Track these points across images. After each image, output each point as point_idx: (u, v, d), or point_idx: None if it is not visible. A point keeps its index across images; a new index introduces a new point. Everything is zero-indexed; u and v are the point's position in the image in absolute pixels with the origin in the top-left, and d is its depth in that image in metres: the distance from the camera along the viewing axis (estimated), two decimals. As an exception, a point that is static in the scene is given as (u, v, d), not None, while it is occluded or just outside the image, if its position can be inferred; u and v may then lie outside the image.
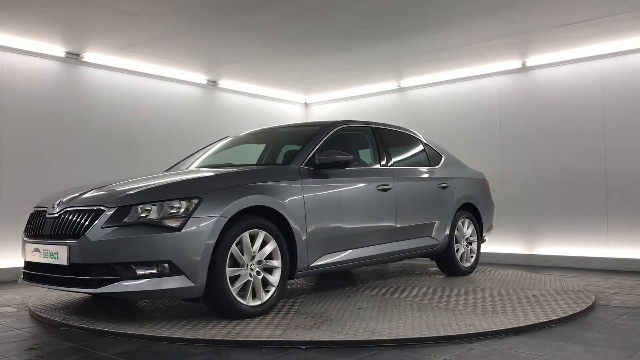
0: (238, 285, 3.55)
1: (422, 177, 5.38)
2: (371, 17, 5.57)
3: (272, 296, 3.74)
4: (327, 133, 4.61)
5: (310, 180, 4.16)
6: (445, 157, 5.84)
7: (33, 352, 3.04)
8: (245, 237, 3.62)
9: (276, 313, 3.78)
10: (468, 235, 5.77)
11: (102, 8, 5.26)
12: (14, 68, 6.30)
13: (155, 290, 3.32)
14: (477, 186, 6.04)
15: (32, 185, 6.38)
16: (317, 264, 4.10)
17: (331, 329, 3.31)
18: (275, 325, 3.42)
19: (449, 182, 5.60)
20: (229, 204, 3.53)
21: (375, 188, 4.71)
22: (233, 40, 6.22)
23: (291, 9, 5.31)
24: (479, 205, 5.91)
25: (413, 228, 5.08)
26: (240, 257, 3.59)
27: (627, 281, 5.48)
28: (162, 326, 3.42)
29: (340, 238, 4.31)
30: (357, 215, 4.50)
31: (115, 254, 3.32)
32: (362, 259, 4.55)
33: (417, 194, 5.19)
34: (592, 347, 2.97)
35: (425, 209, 5.26)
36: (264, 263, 3.74)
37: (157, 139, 7.57)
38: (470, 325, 3.34)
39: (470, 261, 5.79)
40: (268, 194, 3.80)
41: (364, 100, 8.90)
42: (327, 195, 4.26)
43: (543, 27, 5.95)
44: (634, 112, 6.47)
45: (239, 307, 3.53)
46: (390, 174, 4.94)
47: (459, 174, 5.83)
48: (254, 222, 3.67)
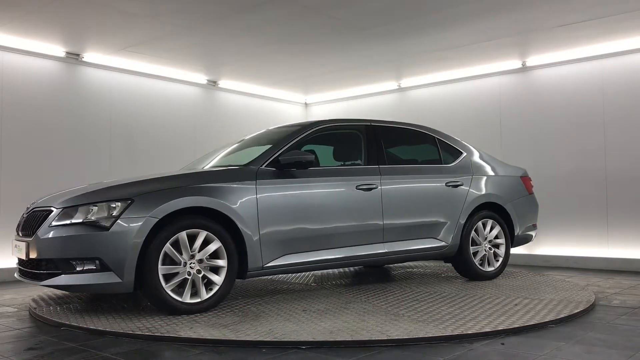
0: (174, 282, 3.72)
1: (424, 175, 5.14)
2: (371, 17, 5.57)
3: (215, 294, 3.86)
4: (301, 134, 4.59)
5: (268, 180, 4.21)
6: (466, 154, 5.50)
7: (33, 352, 3.04)
8: (182, 237, 3.76)
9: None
10: (491, 237, 5.36)
11: (102, 8, 5.26)
12: (14, 68, 6.30)
13: (90, 285, 3.62)
14: (507, 184, 5.59)
15: (31, 185, 6.37)
16: (275, 264, 4.15)
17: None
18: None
19: (464, 180, 5.28)
20: (160, 205, 3.72)
21: (354, 188, 4.60)
22: (233, 40, 6.22)
23: (291, 9, 5.31)
24: (508, 205, 5.46)
25: (409, 229, 4.89)
26: (176, 256, 3.74)
27: (627, 281, 5.48)
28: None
29: (307, 239, 4.31)
30: (328, 216, 4.44)
31: (56, 251, 3.68)
32: (337, 260, 4.46)
33: (414, 193, 4.98)
34: (592, 347, 2.97)
35: (427, 209, 5.03)
36: (207, 262, 3.85)
37: (157, 139, 7.56)
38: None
39: (494, 265, 5.35)
40: (210, 195, 3.91)
41: (364, 100, 8.90)
42: (288, 196, 4.27)
43: (543, 27, 5.95)
44: (633, 112, 6.47)
45: (172, 303, 3.69)
46: (377, 173, 4.78)
47: (481, 171, 5.46)
48: (192, 223, 3.81)
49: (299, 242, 4.28)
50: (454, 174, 5.28)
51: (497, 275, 5.38)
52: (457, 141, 5.63)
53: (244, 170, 4.21)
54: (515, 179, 5.72)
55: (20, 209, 6.25)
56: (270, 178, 4.23)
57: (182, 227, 3.77)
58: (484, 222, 5.33)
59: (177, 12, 5.39)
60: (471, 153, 5.58)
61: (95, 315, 3.81)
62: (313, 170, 4.44)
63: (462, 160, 5.45)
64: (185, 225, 3.78)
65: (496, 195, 5.42)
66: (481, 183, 5.40)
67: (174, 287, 3.73)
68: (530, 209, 5.75)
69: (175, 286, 3.73)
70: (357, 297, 4.42)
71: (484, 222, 5.33)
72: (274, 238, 4.15)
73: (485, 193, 5.35)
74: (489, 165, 5.60)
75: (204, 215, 3.89)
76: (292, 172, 4.34)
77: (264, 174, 4.22)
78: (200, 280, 3.82)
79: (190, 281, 3.77)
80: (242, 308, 4.01)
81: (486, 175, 5.48)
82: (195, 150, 7.82)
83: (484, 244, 5.31)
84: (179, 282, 3.74)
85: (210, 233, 3.85)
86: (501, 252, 5.42)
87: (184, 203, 3.80)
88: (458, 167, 5.36)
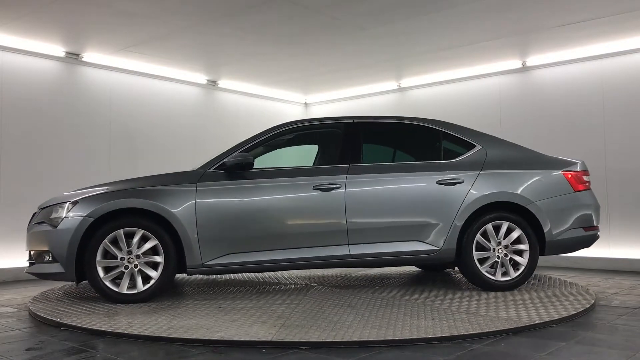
0: (111, 274, 4.21)
1: (408, 173, 4.72)
2: (371, 17, 5.57)
3: (150, 287, 4.24)
4: (260, 137, 4.72)
5: (211, 183, 4.44)
6: (479, 148, 4.87)
7: (33, 352, 3.04)
8: (120, 234, 4.21)
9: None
10: (507, 243, 4.62)
11: (102, 8, 5.26)
12: (14, 68, 6.30)
13: (46, 274, 4.30)
14: (536, 181, 4.76)
15: (31, 185, 6.38)
16: (217, 262, 4.35)
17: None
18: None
19: (466, 177, 4.68)
20: (97, 206, 4.23)
21: (312, 188, 4.51)
22: (233, 40, 6.22)
23: (291, 9, 5.31)
24: (534, 205, 4.65)
25: (385, 230, 4.56)
26: (113, 252, 4.22)
27: (627, 281, 5.47)
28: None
29: (252, 239, 4.41)
30: (275, 217, 4.46)
31: (30, 244, 4.47)
32: (290, 261, 4.45)
33: (391, 193, 4.60)
34: (592, 347, 2.97)
35: (409, 210, 4.60)
36: (144, 258, 4.25)
37: (156, 139, 7.57)
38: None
39: (511, 274, 4.61)
40: (148, 198, 4.29)
41: (364, 100, 8.90)
42: (229, 197, 4.43)
43: (543, 27, 5.95)
44: (634, 112, 6.47)
45: (109, 292, 4.20)
46: (344, 172, 4.59)
47: (497, 166, 4.78)
48: (129, 222, 4.24)
49: (244, 242, 4.40)
50: (453, 171, 4.73)
51: (518, 286, 4.65)
52: (473, 134, 5.01)
53: (187, 174, 4.54)
54: (552, 174, 4.83)
55: (20, 208, 6.26)
56: (218, 180, 4.46)
57: (118, 225, 4.22)
58: (497, 224, 4.65)
59: (177, 12, 5.39)
60: (491, 146, 4.92)
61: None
62: (267, 172, 4.57)
63: (471, 154, 4.85)
64: (121, 224, 4.23)
65: (512, 194, 4.67)
66: (492, 180, 4.72)
67: (112, 278, 4.21)
68: (575, 209, 4.79)
69: (113, 278, 4.21)
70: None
71: (497, 225, 4.65)
72: (214, 237, 4.34)
73: (495, 191, 4.66)
74: (514, 159, 4.88)
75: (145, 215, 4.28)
76: (243, 173, 4.49)
77: (210, 177, 4.47)
78: (138, 273, 4.23)
79: (129, 274, 4.22)
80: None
81: (502, 171, 4.77)
82: (195, 150, 7.82)
83: (497, 249, 4.62)
84: (117, 274, 4.21)
85: (146, 232, 4.24)
86: (523, 260, 4.62)
87: (117, 205, 4.25)
88: (463, 163, 4.80)
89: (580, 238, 4.80)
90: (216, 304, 4.19)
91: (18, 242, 6.22)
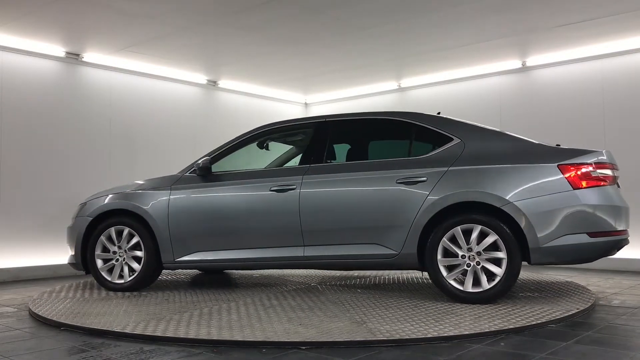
0: (107, 265, 4.88)
1: (368, 172, 4.39)
2: (371, 17, 5.57)
3: (133, 278, 4.81)
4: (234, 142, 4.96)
5: (182, 185, 4.84)
6: (457, 141, 4.32)
7: (33, 352, 3.04)
8: (111, 232, 4.87)
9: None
10: (480, 249, 3.99)
11: (102, 8, 5.26)
12: (14, 68, 6.30)
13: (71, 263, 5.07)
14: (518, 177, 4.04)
15: (31, 185, 6.38)
16: (185, 259, 4.72)
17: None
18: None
19: (430, 174, 4.18)
20: (95, 207, 4.95)
21: (268, 189, 4.55)
22: (233, 40, 6.22)
23: (291, 9, 5.31)
24: (511, 206, 3.93)
25: (341, 233, 4.36)
26: (108, 246, 4.89)
27: (627, 281, 5.48)
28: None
29: (215, 238, 4.67)
30: (234, 217, 4.62)
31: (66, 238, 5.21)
32: (249, 260, 4.58)
33: (346, 194, 4.38)
34: (592, 347, 2.97)
35: (364, 211, 4.31)
36: (129, 252, 4.85)
37: (156, 139, 7.57)
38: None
39: (483, 285, 3.96)
40: (132, 200, 4.87)
41: (364, 100, 8.90)
42: (197, 198, 4.76)
43: (543, 27, 5.95)
44: (634, 112, 6.47)
45: (102, 281, 4.89)
46: (301, 172, 4.54)
47: (472, 161, 4.17)
48: (120, 221, 4.86)
49: (208, 241, 4.68)
50: (417, 168, 4.26)
51: (492, 300, 3.98)
52: (453, 126, 4.47)
53: (167, 178, 4.99)
54: (543, 168, 4.05)
55: (20, 208, 6.26)
56: (189, 183, 4.84)
57: (110, 224, 4.88)
58: (468, 227, 4.03)
59: (177, 12, 5.39)
60: (470, 138, 4.33)
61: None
62: (232, 174, 4.79)
63: (445, 149, 4.32)
64: (112, 223, 4.87)
65: (483, 193, 4.02)
66: (461, 177, 4.14)
67: (107, 269, 4.89)
68: (573, 210, 3.94)
69: (108, 269, 4.88)
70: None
71: (467, 228, 4.03)
72: (183, 236, 4.70)
73: (461, 191, 4.08)
74: (498, 152, 4.22)
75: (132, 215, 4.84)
76: (211, 177, 4.80)
77: (185, 180, 4.87)
78: (125, 265, 4.84)
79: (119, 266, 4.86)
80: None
81: (476, 167, 4.14)
82: (195, 150, 7.82)
83: (467, 256, 4.02)
84: (111, 266, 4.88)
85: (131, 230, 4.82)
86: (498, 270, 3.95)
87: (108, 206, 4.91)
88: (431, 159, 4.29)
89: (585, 246, 3.93)
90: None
91: (18, 242, 6.23)
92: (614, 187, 4.19)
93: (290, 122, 5.07)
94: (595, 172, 4.04)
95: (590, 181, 4.02)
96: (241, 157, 5.13)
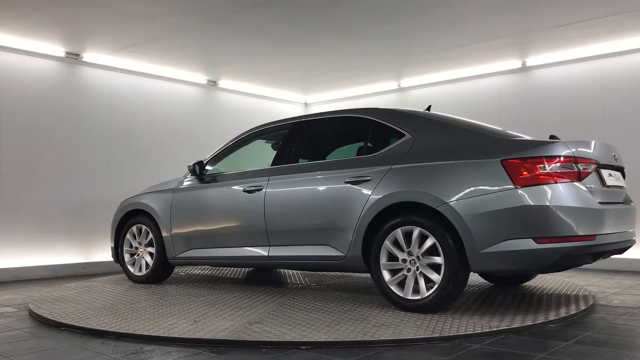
0: (131, 259, 5.50)
1: (322, 172, 4.28)
2: (371, 17, 5.57)
3: (148, 272, 5.33)
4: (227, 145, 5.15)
5: (183, 187, 5.20)
6: (408, 137, 3.99)
7: (33, 352, 3.04)
8: (132, 230, 5.46)
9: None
10: (420, 254, 3.68)
11: (102, 8, 5.26)
12: (14, 68, 6.30)
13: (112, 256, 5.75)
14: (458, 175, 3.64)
15: (31, 185, 6.38)
16: (183, 255, 5.08)
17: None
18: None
19: (375, 173, 3.95)
20: (122, 207, 5.65)
21: (242, 190, 4.67)
22: (233, 40, 6.22)
23: (291, 9, 5.31)
24: (446, 207, 3.56)
25: (298, 233, 4.31)
26: (132, 242, 5.47)
27: (627, 281, 5.47)
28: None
29: (204, 237, 4.94)
30: (216, 217, 4.89)
31: None
32: (228, 259, 4.82)
33: (301, 194, 4.33)
34: (592, 347, 2.97)
35: (316, 212, 4.22)
36: (147, 249, 5.36)
37: (157, 139, 7.57)
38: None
39: (421, 292, 3.65)
40: (145, 201, 5.40)
41: (364, 100, 8.89)
42: (189, 200, 5.09)
43: (543, 27, 5.95)
44: (634, 112, 6.47)
45: (128, 273, 5.51)
46: (267, 173, 4.59)
47: (417, 158, 3.85)
48: (137, 220, 5.44)
49: (197, 239, 4.99)
50: (365, 167, 4.05)
51: (433, 309, 3.65)
52: (409, 120, 4.13)
53: (175, 180, 5.41)
54: (485, 164, 3.59)
55: (20, 208, 6.26)
56: (190, 185, 5.17)
57: (132, 223, 5.48)
58: (408, 230, 3.75)
59: (177, 12, 5.39)
60: (422, 133, 3.99)
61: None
62: (221, 176, 5.00)
63: (395, 146, 4.04)
64: (133, 222, 5.47)
65: (420, 193, 3.70)
66: (403, 176, 3.85)
67: (131, 263, 5.49)
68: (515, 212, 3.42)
69: (132, 262, 5.48)
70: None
71: (408, 231, 3.75)
72: (180, 234, 5.07)
73: (401, 190, 3.80)
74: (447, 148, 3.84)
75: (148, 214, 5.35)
76: (209, 177, 5.06)
77: (187, 182, 5.21)
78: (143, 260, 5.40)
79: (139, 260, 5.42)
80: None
81: (419, 164, 3.82)
82: (195, 150, 7.82)
83: (408, 260, 3.75)
84: (134, 260, 5.48)
85: (147, 228, 5.34)
86: (435, 276, 3.61)
87: (129, 207, 5.52)
88: (379, 157, 4.06)
89: (531, 252, 3.38)
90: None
91: (18, 242, 6.23)
92: (581, 185, 3.52)
93: (270, 124, 5.06)
94: (546, 167, 3.46)
95: (540, 178, 3.44)
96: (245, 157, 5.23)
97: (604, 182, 3.77)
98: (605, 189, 3.77)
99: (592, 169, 3.65)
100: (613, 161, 3.97)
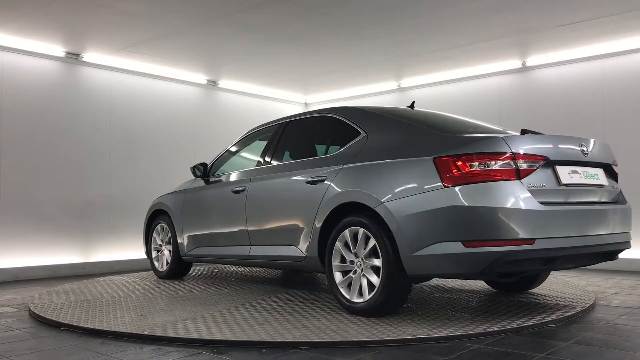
0: (157, 256, 5.84)
1: (291, 172, 4.30)
2: (371, 17, 5.57)
3: (167, 268, 5.67)
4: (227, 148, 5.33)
5: (193, 188, 5.45)
6: (363, 135, 3.91)
7: (33, 352, 3.04)
8: (157, 228, 5.84)
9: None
10: (362, 255, 3.60)
11: (102, 8, 5.26)
12: (14, 68, 6.30)
13: None
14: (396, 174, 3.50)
15: (31, 185, 6.38)
16: (191, 253, 5.34)
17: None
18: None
19: (330, 173, 3.90)
20: (151, 206, 6.02)
21: (230, 191, 4.84)
22: (233, 40, 6.22)
23: (291, 9, 5.31)
24: (382, 207, 3.44)
25: (271, 233, 4.36)
26: (157, 240, 5.82)
27: (627, 281, 5.47)
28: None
29: (205, 235, 5.16)
30: (211, 217, 5.12)
31: None
32: (222, 257, 5.02)
33: (272, 194, 4.41)
34: (592, 347, 2.97)
35: (284, 212, 4.26)
36: (166, 246, 5.71)
37: (157, 139, 7.57)
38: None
39: (364, 295, 3.56)
40: (165, 201, 5.75)
41: (364, 100, 8.89)
42: (194, 201, 5.36)
43: (543, 27, 5.95)
44: (634, 112, 6.47)
45: (153, 268, 5.89)
46: (249, 175, 4.72)
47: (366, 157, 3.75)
48: (161, 218, 5.77)
49: (201, 238, 5.20)
50: (323, 167, 4.00)
51: (374, 313, 3.53)
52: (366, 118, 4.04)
53: (189, 181, 5.67)
54: (420, 162, 3.41)
55: (20, 208, 6.26)
56: (197, 186, 5.40)
57: (157, 222, 5.83)
58: (354, 231, 3.65)
59: (177, 12, 5.39)
60: (374, 131, 3.89)
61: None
62: (219, 177, 5.17)
63: (351, 145, 3.95)
64: (158, 220, 5.83)
65: (361, 193, 3.61)
66: (351, 175, 3.77)
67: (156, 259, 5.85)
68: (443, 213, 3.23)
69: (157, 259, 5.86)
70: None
71: (354, 232, 3.66)
72: (189, 233, 5.34)
73: (347, 190, 3.73)
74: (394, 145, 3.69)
75: None
76: (211, 179, 5.26)
77: (197, 183, 5.44)
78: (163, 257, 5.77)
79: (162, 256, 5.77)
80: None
81: (365, 163, 3.72)
82: (195, 150, 7.83)
83: (355, 262, 3.66)
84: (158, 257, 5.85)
85: (167, 226, 5.66)
86: (375, 279, 3.50)
87: (155, 206, 5.88)
88: (336, 156, 4.00)
89: (460, 257, 3.17)
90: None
91: (18, 242, 6.23)
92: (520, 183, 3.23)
93: (264, 125, 5.14)
94: (479, 165, 3.22)
95: (471, 177, 3.21)
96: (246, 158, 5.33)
97: (559, 181, 3.43)
98: (563, 188, 3.44)
99: (538, 165, 3.34)
100: (580, 157, 3.58)
